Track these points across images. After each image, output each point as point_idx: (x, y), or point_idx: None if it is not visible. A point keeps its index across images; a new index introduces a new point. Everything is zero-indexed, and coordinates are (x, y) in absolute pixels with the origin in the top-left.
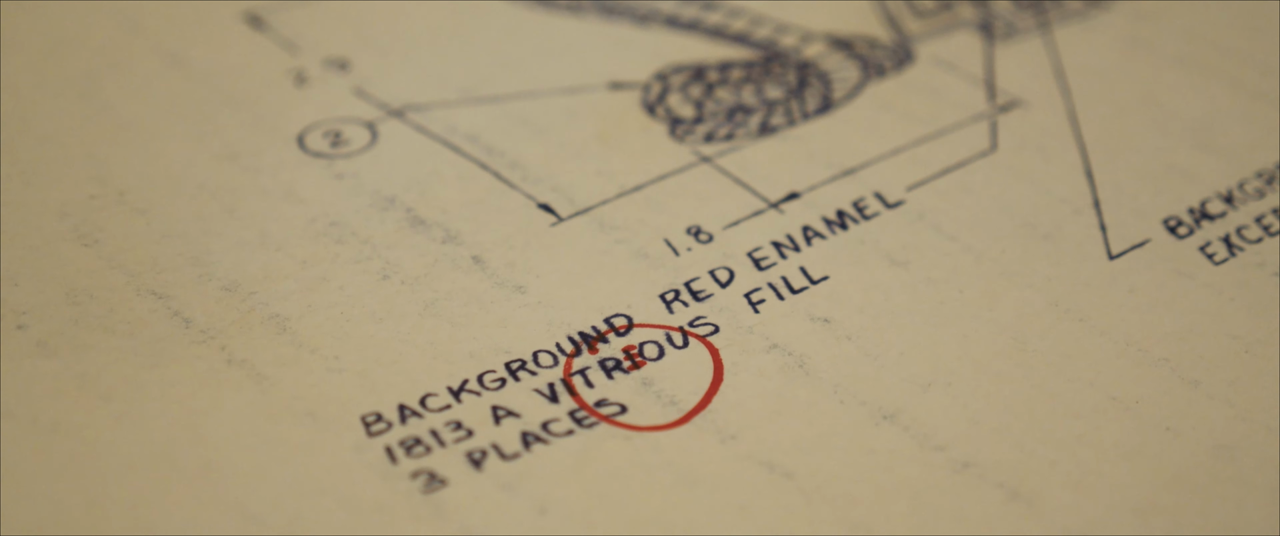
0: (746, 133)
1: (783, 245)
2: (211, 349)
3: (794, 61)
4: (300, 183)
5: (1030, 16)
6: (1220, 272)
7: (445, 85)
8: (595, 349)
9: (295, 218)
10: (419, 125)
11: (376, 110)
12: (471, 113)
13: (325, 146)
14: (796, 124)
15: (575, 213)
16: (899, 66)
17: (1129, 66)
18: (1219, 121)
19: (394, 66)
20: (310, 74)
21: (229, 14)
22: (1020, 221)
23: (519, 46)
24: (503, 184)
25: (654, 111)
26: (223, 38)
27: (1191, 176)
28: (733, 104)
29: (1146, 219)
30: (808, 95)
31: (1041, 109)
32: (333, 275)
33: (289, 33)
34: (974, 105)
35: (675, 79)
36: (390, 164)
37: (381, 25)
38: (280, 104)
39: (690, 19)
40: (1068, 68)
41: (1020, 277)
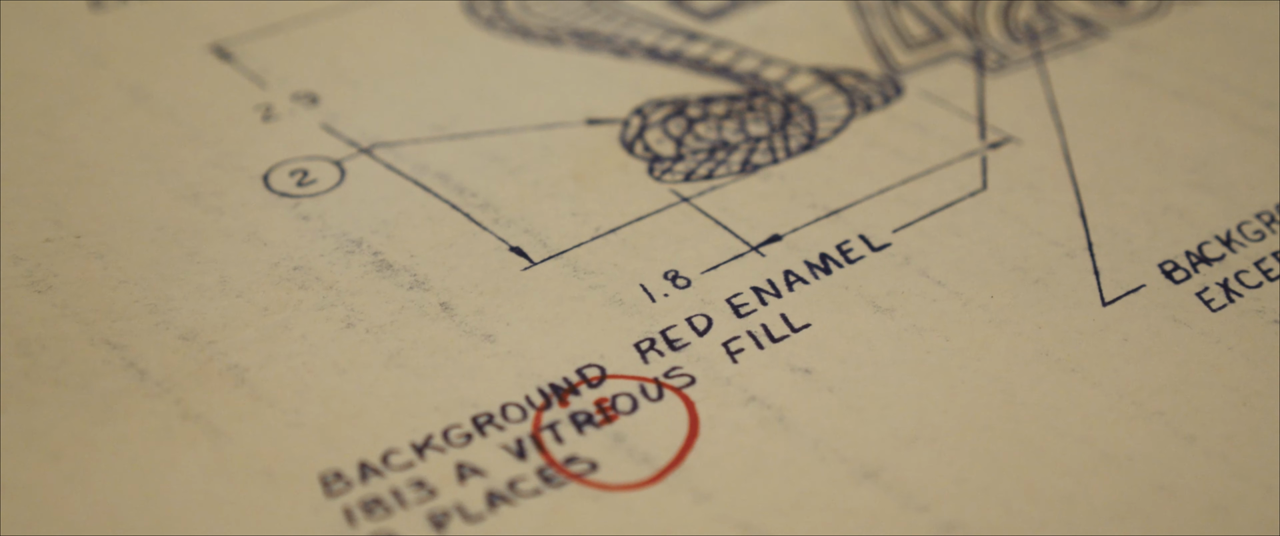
0: (728, 171)
1: (763, 291)
2: (167, 402)
3: (779, 96)
4: (264, 224)
5: (1023, 48)
6: (1218, 320)
7: (417, 120)
8: (566, 401)
9: (258, 261)
10: (388, 163)
11: (345, 147)
12: (443, 150)
13: (291, 185)
14: (780, 162)
15: (548, 256)
16: (887, 101)
17: (1125, 100)
18: (1217, 159)
19: (365, 100)
20: (278, 109)
21: (196, 46)
22: (1010, 265)
23: (494, 80)
24: (474, 226)
25: (632, 148)
26: (188, 71)
27: (1188, 217)
28: (714, 141)
29: (1142, 262)
30: (792, 131)
31: (1034, 145)
32: (295, 323)
33: (257, 65)
34: (964, 141)
35: (655, 114)
36: (358, 204)
37: (353, 57)
38: (246, 140)
39: (672, 51)
40: (1061, 101)
41: (1010, 325)
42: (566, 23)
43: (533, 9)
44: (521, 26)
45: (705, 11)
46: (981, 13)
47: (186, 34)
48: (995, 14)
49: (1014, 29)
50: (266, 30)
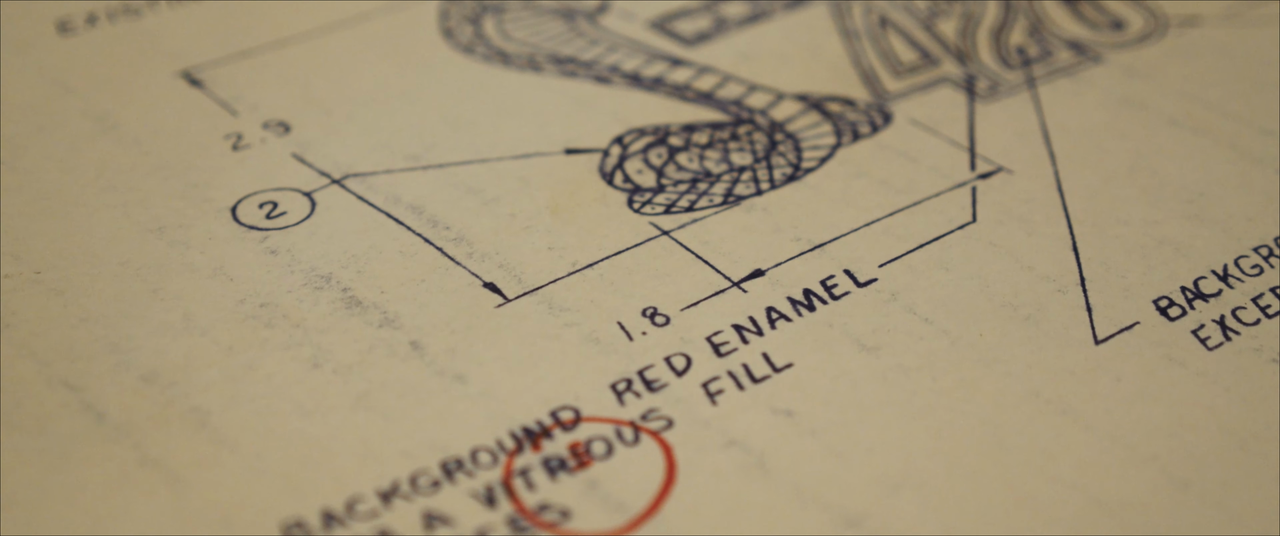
0: (710, 203)
1: (745, 329)
2: (124, 447)
3: (763, 124)
4: (231, 259)
5: (1016, 73)
6: (1214, 359)
7: (390, 149)
8: (539, 445)
9: (223, 298)
10: (360, 194)
11: (316, 178)
12: (417, 180)
13: (260, 218)
14: (764, 193)
15: (523, 292)
16: (875, 129)
17: (1119, 128)
18: (1214, 189)
19: (338, 128)
20: (248, 137)
21: (165, 72)
22: (1000, 302)
23: (471, 107)
24: (447, 260)
25: (612, 179)
26: (157, 98)
27: (1184, 251)
28: (696, 171)
29: (1136, 298)
30: (776, 161)
31: (1025, 175)
32: (260, 363)
33: (228, 92)
34: (954, 172)
35: (636, 144)
36: (328, 237)
37: (327, 83)
38: (214, 171)
39: (654, 77)
40: (1054, 130)
41: (999, 365)
42: (546, 48)
43: (512, 34)
44: (500, 52)
45: (688, 36)
46: (973, 37)
47: (156, 59)
48: (987, 38)
49: (1006, 54)
50: (238, 56)
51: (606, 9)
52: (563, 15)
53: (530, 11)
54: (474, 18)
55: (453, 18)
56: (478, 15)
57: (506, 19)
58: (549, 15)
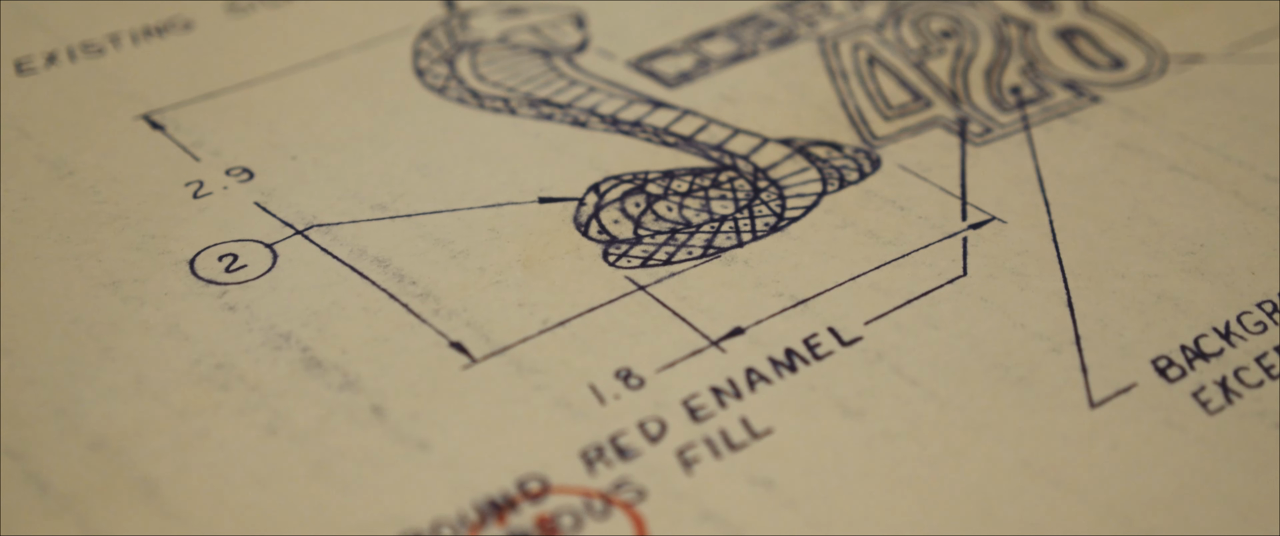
0: (689, 255)
1: (723, 392)
2: (68, 521)
3: (746, 170)
4: (187, 315)
5: (1010, 115)
6: (1215, 424)
7: (357, 198)
8: (504, 518)
9: (178, 358)
10: (324, 246)
11: (279, 228)
12: (384, 231)
13: (219, 271)
14: (745, 244)
15: (491, 352)
16: (863, 175)
17: (1117, 174)
18: (1216, 240)
19: (304, 175)
20: (210, 184)
21: (126, 114)
22: (991, 362)
23: (442, 152)
24: (412, 318)
25: (587, 230)
26: (117, 142)
27: (1184, 307)
28: (675, 221)
29: (1133, 358)
30: (759, 210)
31: (1019, 225)
32: (214, 428)
33: (190, 136)
34: (944, 221)
35: (612, 192)
36: (289, 292)
37: (294, 127)
38: (174, 220)
39: (633, 120)
40: (1049, 176)
41: (989, 430)
42: (522, 90)
43: (487, 75)
44: (474, 92)
45: (670, 77)
46: (966, 76)
47: (117, 101)
48: (981, 78)
49: (1000, 94)
50: (203, 97)
51: (585, 48)
52: (540, 54)
53: (506, 50)
54: (448, 57)
55: (425, 57)
56: (451, 55)
57: (481, 58)
58: (526, 54)
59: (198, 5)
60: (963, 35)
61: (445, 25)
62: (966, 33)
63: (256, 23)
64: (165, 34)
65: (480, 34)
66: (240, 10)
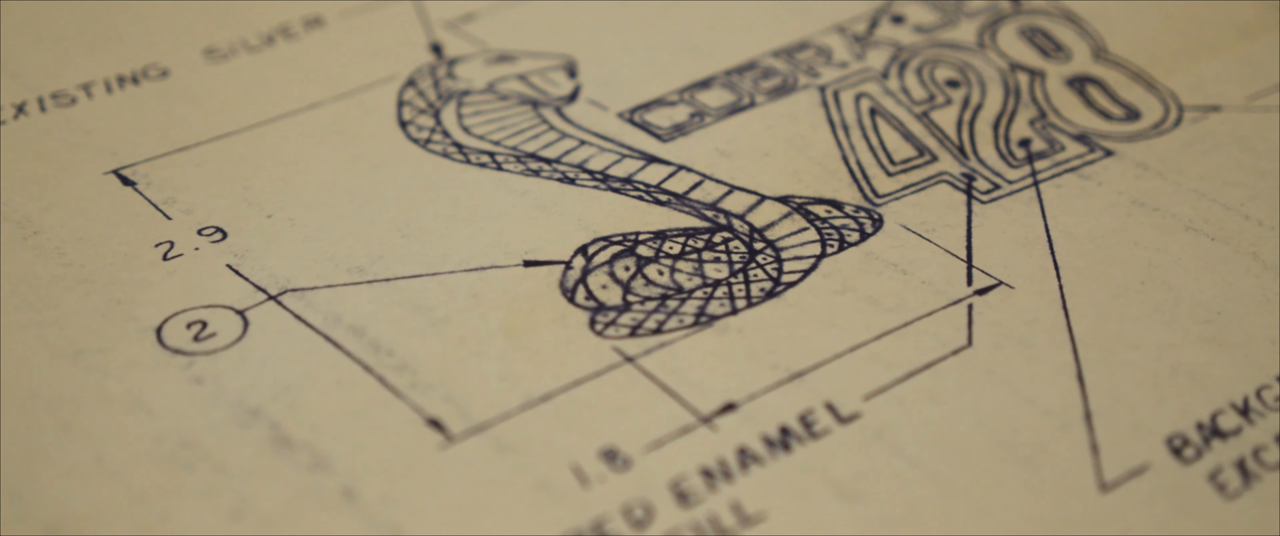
0: (680, 324)
1: (713, 473)
2: None
3: (742, 230)
4: (152, 388)
5: (1019, 171)
6: (1234, 509)
7: (333, 260)
8: None
9: (140, 436)
10: (298, 313)
11: (252, 293)
12: (360, 296)
13: (187, 340)
14: (739, 312)
15: (469, 430)
16: (864, 236)
17: (1131, 234)
18: (1234, 306)
19: (278, 235)
20: (181, 245)
21: (96, 169)
22: (997, 440)
23: (424, 211)
24: (388, 392)
25: (573, 295)
26: (86, 200)
27: (1201, 380)
28: (666, 286)
29: (1147, 437)
30: (754, 275)
31: (1027, 290)
32: (175, 513)
33: (162, 193)
34: (949, 287)
35: (601, 255)
36: (259, 364)
37: (270, 182)
38: (142, 284)
39: (625, 176)
40: (1059, 237)
41: (993, 516)
42: (509, 144)
43: (473, 127)
44: (459, 145)
45: (663, 130)
46: (973, 128)
47: (87, 155)
48: (988, 130)
49: (1009, 148)
50: (176, 150)
51: (576, 98)
52: (529, 104)
53: (494, 100)
54: (433, 108)
55: (410, 107)
56: (437, 105)
57: (467, 109)
58: (514, 105)
59: (175, 52)
60: (970, 85)
61: (431, 74)
62: (974, 82)
63: (235, 70)
64: (140, 82)
65: (468, 83)
66: (219, 57)
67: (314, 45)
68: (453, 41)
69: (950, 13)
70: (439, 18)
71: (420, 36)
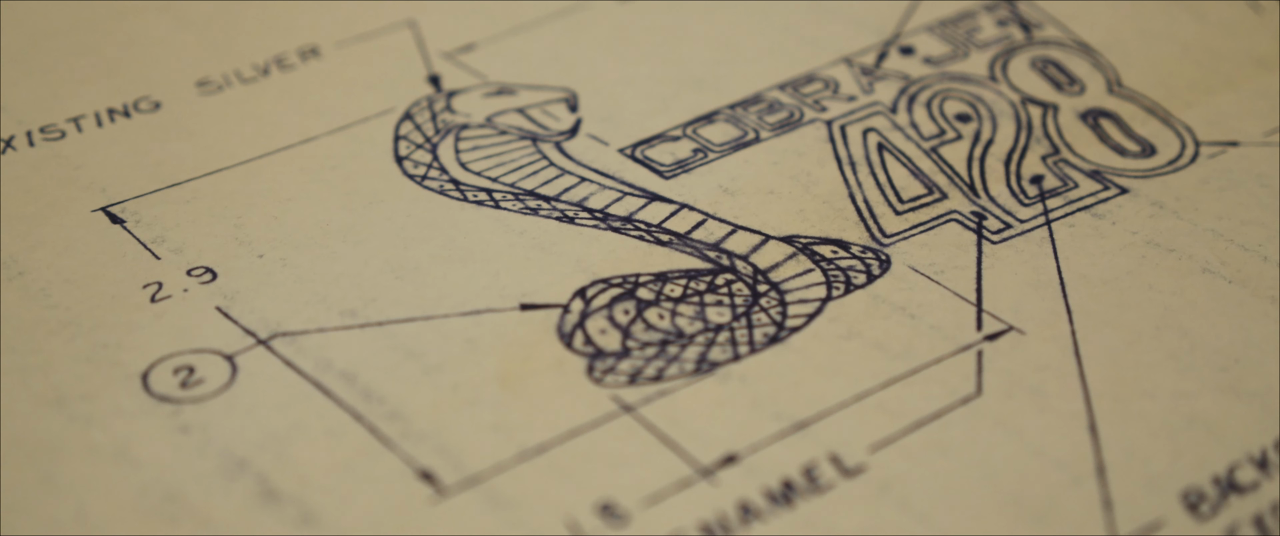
0: (680, 371)
1: (713, 529)
2: None
3: (745, 272)
4: (137, 438)
5: (1031, 209)
6: None
7: (326, 302)
8: None
9: (124, 487)
10: (288, 358)
11: (241, 337)
12: (352, 341)
13: (174, 386)
14: (742, 358)
15: (462, 483)
16: (871, 278)
17: (1145, 277)
18: (1252, 354)
19: (270, 276)
20: (170, 286)
21: (85, 206)
22: (1006, 494)
23: (419, 251)
24: (378, 442)
25: (571, 340)
26: (73, 238)
27: (1217, 432)
28: (667, 331)
29: (1161, 492)
30: (758, 319)
31: (1039, 336)
32: None
33: (152, 232)
34: (958, 332)
35: (600, 298)
36: (248, 412)
37: (262, 220)
38: (128, 328)
39: (625, 215)
40: (1072, 279)
41: None
42: (507, 180)
43: (470, 162)
44: (455, 182)
45: (666, 166)
46: (983, 164)
47: (75, 192)
48: (999, 166)
49: (1021, 186)
50: (167, 187)
51: (576, 132)
52: (528, 139)
53: (492, 135)
54: (430, 142)
55: (407, 142)
56: (434, 140)
57: (465, 144)
58: (513, 140)
59: (168, 83)
60: (981, 119)
61: (429, 107)
62: (985, 116)
63: (229, 102)
64: (131, 115)
65: (466, 116)
66: (212, 89)
67: (310, 76)
68: (452, 72)
69: (961, 44)
70: (437, 48)
71: (419, 68)
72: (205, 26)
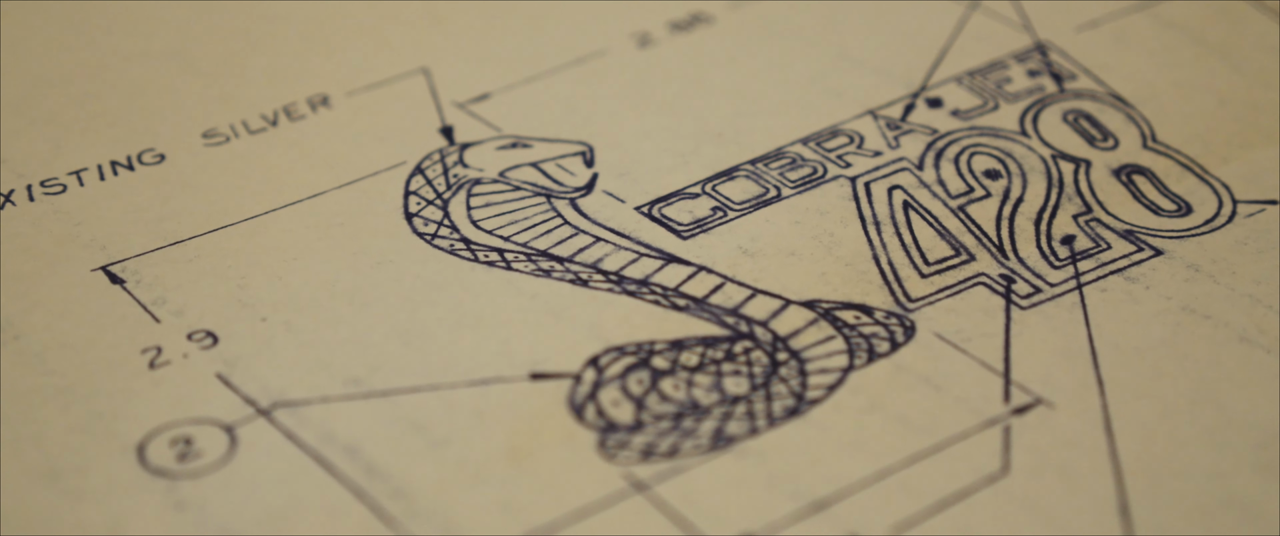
0: (696, 446)
1: None
2: None
3: (764, 339)
4: (131, 515)
5: (1061, 272)
6: None
7: (330, 370)
8: None
9: None
10: (290, 430)
11: (241, 406)
12: (356, 413)
13: (170, 459)
14: (760, 432)
15: None
16: (895, 346)
17: (1180, 346)
18: None
19: (273, 340)
20: (169, 351)
21: (84, 265)
22: None
23: (427, 314)
24: (381, 523)
25: (582, 412)
26: (71, 300)
27: (1254, 515)
28: (682, 402)
29: None
30: (777, 390)
31: (1069, 409)
32: None
33: (152, 293)
34: (984, 404)
35: (613, 367)
36: (246, 488)
37: (266, 281)
38: (125, 396)
39: (641, 277)
40: (1104, 348)
41: None
42: (519, 240)
43: (482, 219)
44: (465, 241)
45: (684, 226)
46: (1012, 223)
47: (75, 250)
48: (1029, 226)
49: (1051, 247)
50: (169, 245)
51: (592, 188)
52: (542, 195)
53: (505, 190)
54: (441, 198)
55: (417, 198)
56: (445, 196)
57: (477, 201)
58: (526, 196)
59: (173, 134)
60: (1011, 176)
61: (441, 160)
62: (1015, 172)
63: (235, 154)
64: (135, 168)
65: (479, 170)
66: (218, 140)
67: (320, 127)
68: (465, 123)
69: (991, 95)
70: (451, 98)
71: (431, 118)
72: (213, 74)
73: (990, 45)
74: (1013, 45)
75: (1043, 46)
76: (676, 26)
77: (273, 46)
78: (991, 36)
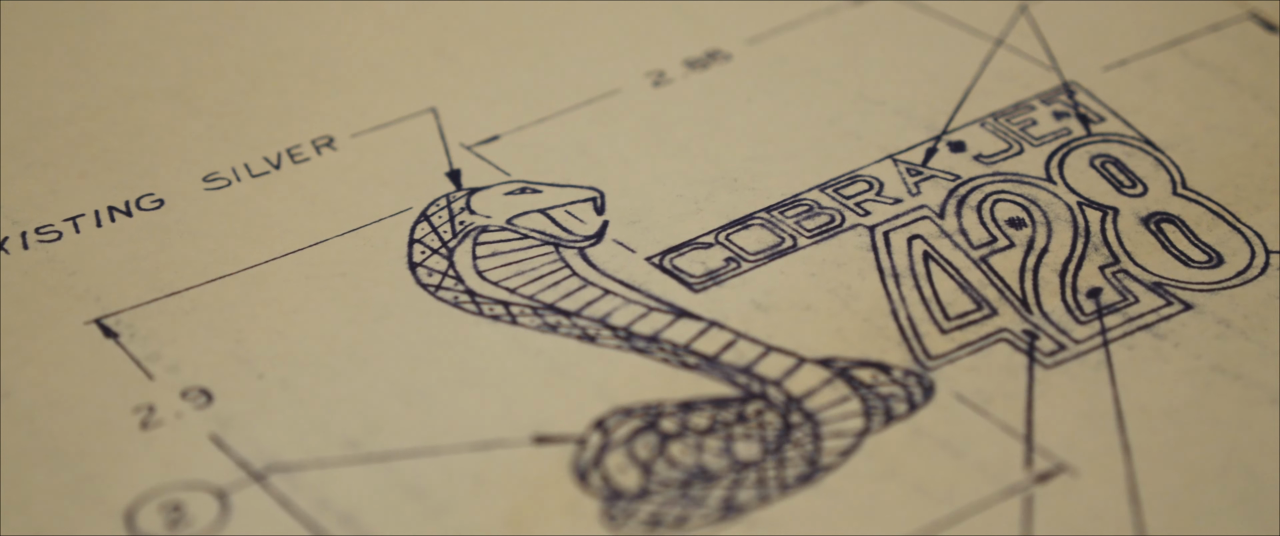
0: (704, 517)
1: None
2: None
3: (777, 400)
4: None
5: (1087, 328)
6: None
7: (327, 431)
8: None
9: None
10: (283, 495)
11: (234, 469)
12: (353, 477)
13: (160, 527)
14: (771, 500)
15: None
16: (913, 407)
17: (1210, 408)
18: None
19: (269, 399)
20: (162, 411)
21: (77, 318)
22: None
23: (428, 373)
24: None
25: (587, 478)
26: (62, 355)
27: None
28: (691, 468)
29: None
30: (790, 454)
31: (1093, 476)
32: None
33: (146, 347)
34: (1005, 470)
35: (620, 430)
36: None
37: (263, 335)
38: (115, 458)
39: (650, 334)
40: (1130, 410)
41: None
42: (525, 292)
43: (488, 269)
44: (470, 293)
45: (696, 278)
46: (1036, 276)
47: (68, 301)
48: (1054, 278)
49: (1077, 300)
50: (166, 296)
51: (602, 236)
52: (550, 244)
53: (513, 239)
54: (446, 247)
55: (422, 247)
56: (450, 245)
57: (482, 250)
58: (534, 246)
59: (172, 177)
60: (1035, 224)
61: (447, 207)
62: (1039, 221)
63: (236, 199)
64: (133, 214)
65: (486, 217)
66: (220, 184)
67: (323, 170)
68: (472, 165)
69: (1015, 139)
70: (458, 139)
71: (438, 160)
72: (215, 114)
73: (1015, 85)
74: (1039, 85)
75: (1069, 86)
76: (692, 64)
77: (276, 85)
78: (1016, 76)
